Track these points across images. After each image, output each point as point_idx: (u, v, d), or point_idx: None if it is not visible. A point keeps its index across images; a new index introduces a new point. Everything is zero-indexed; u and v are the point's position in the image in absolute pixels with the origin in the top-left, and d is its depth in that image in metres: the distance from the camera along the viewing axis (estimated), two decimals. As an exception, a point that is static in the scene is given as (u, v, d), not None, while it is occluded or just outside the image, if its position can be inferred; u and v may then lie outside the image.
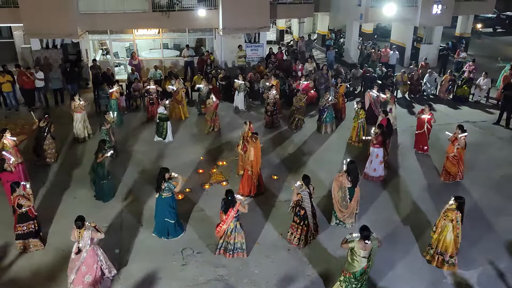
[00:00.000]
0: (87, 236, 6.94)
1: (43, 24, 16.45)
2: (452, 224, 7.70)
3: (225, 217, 7.85)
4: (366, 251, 6.76)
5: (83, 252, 7.00)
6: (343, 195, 8.97)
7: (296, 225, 8.51)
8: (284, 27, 29.04)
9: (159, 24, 18.71)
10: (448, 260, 7.98)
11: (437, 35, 21.88)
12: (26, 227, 8.22)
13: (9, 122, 14.36)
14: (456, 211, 7.67)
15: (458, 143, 10.63)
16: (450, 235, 7.80)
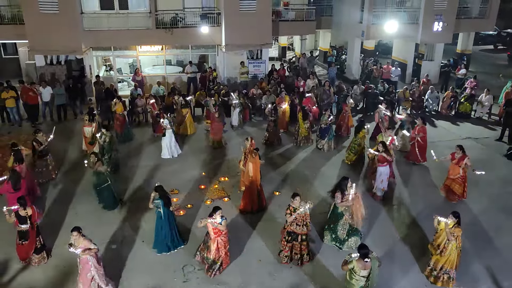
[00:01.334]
0: (82, 245, 7.10)
1: (48, 41, 16.65)
2: (456, 241, 7.66)
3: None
4: (366, 270, 6.68)
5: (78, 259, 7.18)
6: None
7: (286, 242, 8.39)
8: (286, 44, 29.30)
9: (162, 41, 18.90)
10: (452, 277, 7.93)
11: (439, 52, 22.02)
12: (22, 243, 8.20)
13: (12, 138, 14.39)
14: (459, 227, 7.65)
15: (465, 164, 10.52)
16: (454, 252, 7.77)
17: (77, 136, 13.94)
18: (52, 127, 12.30)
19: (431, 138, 14.95)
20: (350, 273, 6.83)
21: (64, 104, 16.31)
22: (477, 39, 28.77)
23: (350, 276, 6.83)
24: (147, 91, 18.02)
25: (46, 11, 16.46)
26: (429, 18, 20.54)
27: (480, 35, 30.97)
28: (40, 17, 16.42)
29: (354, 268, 6.74)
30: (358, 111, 17.80)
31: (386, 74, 20.16)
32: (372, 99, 17.60)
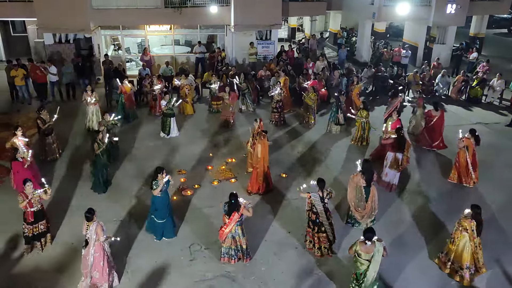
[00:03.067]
0: (93, 229, 6.97)
1: (57, 19, 16.61)
2: (467, 233, 7.49)
3: (228, 221, 7.69)
4: (368, 254, 6.68)
5: (91, 246, 7.00)
6: (360, 195, 8.82)
7: (312, 232, 8.24)
8: (295, 25, 28.93)
9: (171, 20, 18.76)
10: (458, 271, 7.75)
11: (451, 35, 21.62)
12: (32, 230, 8.08)
13: (22, 116, 14.52)
14: (470, 220, 7.47)
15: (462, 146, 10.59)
16: (465, 245, 7.58)
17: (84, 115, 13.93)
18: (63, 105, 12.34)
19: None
20: (355, 256, 6.88)
21: (72, 82, 16.34)
22: (491, 22, 28.16)
23: (355, 258, 6.89)
24: (155, 71, 17.97)
25: (55, -11, 16.36)
26: (442, 0, 20.13)
27: (494, 18, 30.30)
28: (49, -6, 16.34)
29: (358, 251, 6.78)
30: (368, 95, 17.63)
31: (396, 57, 19.90)
32: (381, 82, 17.43)
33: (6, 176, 10.79)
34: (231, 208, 7.66)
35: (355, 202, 8.88)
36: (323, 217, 8.03)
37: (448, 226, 9.10)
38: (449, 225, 9.05)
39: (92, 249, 6.99)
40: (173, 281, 7.66)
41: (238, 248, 7.98)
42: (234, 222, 7.67)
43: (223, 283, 7.63)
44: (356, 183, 8.78)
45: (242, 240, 7.94)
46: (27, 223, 8.05)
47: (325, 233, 8.14)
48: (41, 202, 8.10)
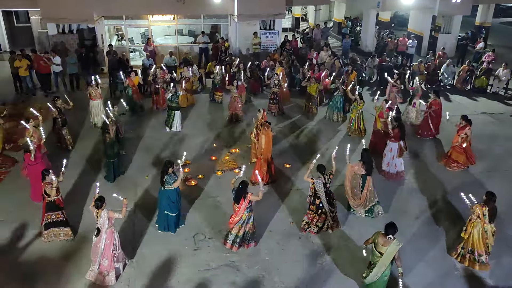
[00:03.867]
0: (105, 216, 7.02)
1: (60, 9, 16.54)
2: (479, 220, 7.53)
3: (237, 209, 7.82)
4: (383, 246, 6.68)
5: (103, 234, 7.08)
6: (356, 184, 8.98)
7: (313, 214, 8.50)
8: (299, 14, 28.75)
9: (174, 10, 18.66)
10: (478, 259, 7.76)
11: (456, 24, 21.44)
12: (55, 216, 8.14)
13: (26, 106, 14.56)
14: (482, 205, 7.51)
15: (465, 133, 10.76)
16: (479, 231, 7.61)
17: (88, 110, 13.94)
18: (66, 96, 12.35)
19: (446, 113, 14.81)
20: (373, 246, 6.89)
21: (76, 73, 16.36)
22: (497, 11, 27.87)
23: (372, 248, 6.90)
24: (159, 61, 17.94)
25: (58, -21, 16.31)
26: (448, -11, 19.93)
27: (501, 7, 30.00)
28: (51, -16, 16.30)
29: (375, 240, 6.80)
30: (372, 84, 17.56)
31: (401, 47, 19.77)
32: (386, 72, 17.30)
33: (12, 167, 10.89)
34: (238, 194, 7.74)
35: (352, 191, 9.04)
36: (324, 201, 8.32)
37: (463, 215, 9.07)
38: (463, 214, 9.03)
39: (104, 236, 7.07)
40: (177, 271, 7.72)
41: (244, 235, 8.07)
42: (243, 211, 7.80)
43: (227, 272, 7.70)
44: (356, 172, 8.88)
45: (251, 225, 8.06)
46: (53, 211, 8.08)
47: (324, 214, 8.47)
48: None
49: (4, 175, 10.52)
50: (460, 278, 7.68)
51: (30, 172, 9.38)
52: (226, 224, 8.41)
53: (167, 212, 8.48)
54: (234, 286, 7.43)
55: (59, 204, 8.13)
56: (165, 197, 8.38)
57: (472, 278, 7.67)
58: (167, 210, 8.46)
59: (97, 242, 7.16)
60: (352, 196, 9.07)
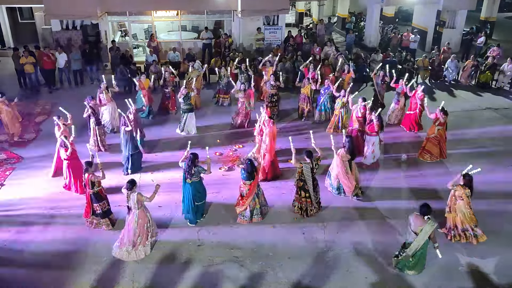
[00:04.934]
0: (133, 199, 7.56)
1: (64, 5, 16.56)
2: (463, 200, 8.06)
3: (249, 187, 8.46)
4: (416, 226, 7.08)
5: (133, 214, 7.67)
6: (346, 168, 9.39)
7: (299, 198, 8.95)
8: (303, 9, 28.63)
9: (177, 6, 18.64)
10: (474, 234, 8.24)
11: (461, 19, 21.26)
12: (101, 206, 8.46)
13: (30, 103, 14.63)
14: (464, 187, 7.98)
15: (438, 123, 10.85)
16: (463, 210, 8.14)
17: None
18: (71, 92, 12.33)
19: (451, 108, 14.72)
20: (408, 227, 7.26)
21: (80, 69, 16.39)
22: (503, 6, 27.63)
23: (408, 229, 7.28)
24: (162, 57, 17.96)
25: (61, -25, 16.32)
26: (453, -17, 19.79)
27: (506, 1, 29.74)
28: (55, -20, 16.31)
29: (409, 219, 7.21)
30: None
31: (405, 42, 19.68)
32: (390, 67, 17.23)
33: (17, 162, 10.96)
34: (251, 171, 8.39)
35: (346, 176, 9.39)
36: (309, 185, 8.75)
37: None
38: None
39: (136, 216, 7.68)
40: (181, 266, 7.76)
41: (261, 207, 8.82)
42: (255, 187, 8.55)
43: (231, 268, 7.72)
44: (343, 158, 9.28)
45: (261, 198, 8.86)
46: (99, 201, 8.42)
47: (309, 198, 8.87)
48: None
49: (9, 171, 10.59)
50: (465, 274, 7.68)
51: (69, 167, 9.56)
52: (230, 219, 8.44)
53: (198, 203, 8.77)
54: (238, 281, 7.46)
55: (101, 194, 8.50)
56: (194, 189, 8.63)
57: (475, 275, 7.66)
58: (197, 201, 8.75)
59: (130, 221, 7.76)
60: (347, 181, 9.43)
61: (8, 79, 16.44)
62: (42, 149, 11.66)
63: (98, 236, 8.43)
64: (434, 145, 11.16)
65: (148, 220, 7.91)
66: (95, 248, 8.10)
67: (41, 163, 10.91)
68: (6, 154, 11.32)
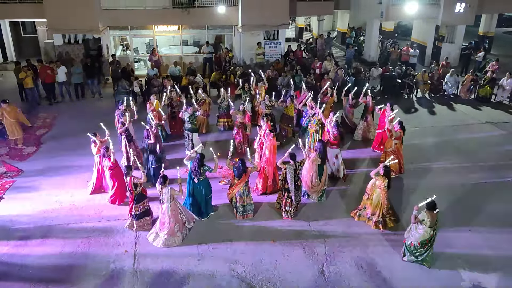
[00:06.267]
0: (166, 193, 8.25)
1: (66, 20, 16.77)
2: (380, 189, 8.81)
3: (237, 182, 9.00)
4: (433, 221, 7.65)
5: (168, 207, 8.34)
6: (315, 172, 9.63)
7: (281, 197, 9.36)
8: (303, 24, 28.92)
9: (179, 21, 18.84)
10: (376, 220, 9.05)
11: (460, 34, 21.46)
12: (142, 206, 8.88)
13: (31, 116, 14.67)
14: (384, 177, 8.73)
15: (393, 135, 10.76)
16: (377, 198, 8.91)
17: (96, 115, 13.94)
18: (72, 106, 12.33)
19: (451, 122, 14.81)
20: (418, 225, 7.75)
21: (81, 83, 16.48)
22: (501, 21, 27.92)
23: (417, 227, 7.78)
24: (163, 71, 18.08)
25: (65, -10, 16.54)
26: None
27: (504, 17, 30.04)
28: (58, -5, 16.52)
29: (425, 220, 7.63)
30: (376, 94, 17.57)
31: (404, 56, 19.82)
32: (390, 81, 17.37)
33: (17, 175, 10.94)
34: (241, 170, 8.94)
35: (313, 177, 9.62)
36: (291, 187, 9.10)
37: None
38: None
39: (169, 209, 8.36)
40: (180, 281, 7.69)
41: (245, 205, 9.27)
42: (243, 182, 9.03)
43: (231, 283, 7.66)
44: (313, 162, 9.52)
45: (248, 198, 9.27)
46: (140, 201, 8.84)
47: (289, 198, 9.21)
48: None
49: (9, 184, 10.57)
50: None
51: (113, 176, 9.67)
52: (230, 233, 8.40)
53: (209, 196, 9.42)
54: (238, 296, 7.39)
55: (144, 193, 8.98)
56: (204, 186, 9.26)
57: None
58: (208, 195, 9.39)
59: (164, 213, 8.40)
60: (311, 183, 9.69)
61: (10, 92, 16.49)
62: (42, 162, 11.68)
63: (97, 250, 8.37)
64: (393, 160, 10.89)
65: (180, 211, 8.65)
66: (94, 262, 8.04)
67: (41, 176, 10.91)
68: (6, 167, 11.32)
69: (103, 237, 8.73)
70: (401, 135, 10.90)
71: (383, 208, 8.96)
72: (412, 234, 7.92)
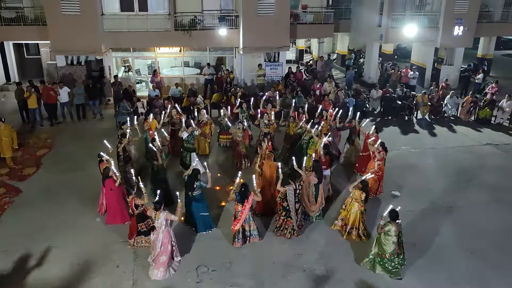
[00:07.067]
0: (163, 217, 7.88)
1: (69, 42, 16.99)
2: (357, 202, 9.00)
3: (241, 210, 8.66)
4: (397, 230, 7.77)
5: (159, 233, 7.92)
6: (312, 192, 9.68)
7: (282, 218, 9.23)
8: (303, 46, 29.25)
9: (181, 43, 19.08)
10: (349, 231, 9.29)
11: (459, 56, 21.69)
12: (145, 225, 8.84)
13: (33, 137, 14.72)
14: (361, 192, 8.90)
15: (378, 158, 10.64)
16: (354, 210, 9.10)
17: (97, 136, 13.98)
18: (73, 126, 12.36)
19: (452, 143, 14.81)
20: (385, 236, 7.87)
21: (83, 103, 16.58)
22: (499, 44, 28.26)
23: (386, 239, 7.88)
24: (165, 92, 18.20)
25: (68, 13, 16.81)
26: (449, 22, 20.28)
27: (502, 40, 30.42)
28: (62, 18, 16.78)
29: (390, 231, 7.74)
30: (376, 115, 17.65)
31: (404, 78, 19.98)
32: (389, 103, 17.46)
33: (16, 196, 10.90)
34: (243, 196, 8.67)
35: (309, 197, 9.69)
36: (292, 206, 9.05)
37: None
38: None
39: (161, 236, 7.93)
40: (179, 303, 7.58)
41: (250, 231, 9.04)
42: (247, 212, 8.70)
43: (230, 306, 7.55)
44: (310, 181, 9.57)
45: (252, 223, 9.02)
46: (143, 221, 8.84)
47: (290, 218, 9.16)
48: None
49: (8, 205, 10.52)
50: None
51: (109, 197, 9.60)
52: (229, 255, 8.30)
53: (203, 214, 9.37)
54: (237, 320, 7.26)
55: (145, 213, 8.67)
56: (198, 201, 9.29)
57: None
58: (202, 212, 9.36)
59: (154, 239, 8.01)
60: (308, 203, 9.73)
61: (11, 112, 16.62)
62: (42, 183, 11.66)
63: (94, 271, 8.27)
64: (374, 181, 10.73)
65: (171, 239, 8.16)
66: (89, 286, 7.94)
67: (40, 197, 10.87)
68: (6, 188, 11.27)
69: (102, 259, 8.63)
70: (383, 156, 10.82)
71: (361, 221, 9.19)
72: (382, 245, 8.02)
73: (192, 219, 9.50)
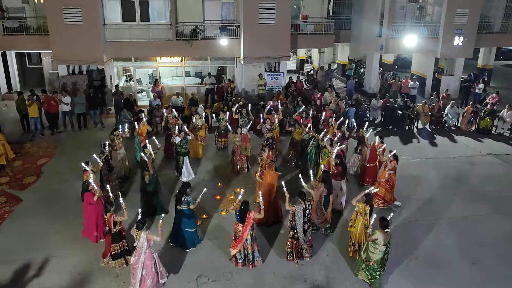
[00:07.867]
0: (143, 238, 7.47)
1: (71, 51, 17.08)
2: (362, 216, 8.68)
3: (242, 229, 8.29)
4: (386, 239, 7.65)
5: (141, 255, 7.49)
6: (320, 203, 9.50)
7: (291, 240, 8.81)
8: (304, 56, 29.37)
9: (182, 52, 19.17)
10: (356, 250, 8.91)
11: (459, 67, 21.76)
12: (121, 246, 8.53)
13: (33, 146, 14.73)
14: (365, 204, 8.62)
15: (389, 168, 10.70)
16: (360, 226, 8.75)
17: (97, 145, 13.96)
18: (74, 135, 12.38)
19: (452, 154, 14.79)
20: (373, 244, 7.76)
21: (84, 113, 16.61)
22: (499, 54, 28.38)
23: (373, 247, 7.77)
24: (166, 102, 18.24)
25: (71, 23, 16.93)
26: (449, 33, 20.37)
27: (502, 50, 30.54)
28: (64, 28, 16.89)
29: (378, 239, 7.61)
30: (377, 125, 17.66)
31: (405, 88, 20.02)
32: (390, 113, 17.47)
33: (16, 205, 10.87)
34: (243, 214, 8.28)
35: (317, 209, 9.49)
36: (299, 227, 8.60)
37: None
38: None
39: (143, 258, 7.50)
40: (179, 314, 7.52)
41: (245, 253, 8.57)
42: (248, 231, 8.33)
43: (230, 317, 7.48)
44: (321, 194, 9.39)
45: (252, 245, 8.55)
46: (118, 241, 8.46)
47: (297, 240, 8.74)
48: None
49: (8, 214, 10.49)
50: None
51: (87, 211, 9.30)
52: (229, 264, 8.24)
53: (188, 229, 9.08)
54: (238, 331, 7.19)
55: (122, 232, 8.54)
56: (184, 215, 9.01)
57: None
58: (188, 228, 9.08)
59: (134, 263, 7.54)
60: (316, 215, 9.52)
61: (13, 121, 16.65)
62: (42, 192, 11.64)
63: (94, 281, 8.22)
64: (387, 191, 10.80)
65: (155, 261, 7.77)
66: None
67: (40, 206, 10.84)
68: (6, 197, 11.25)
69: (101, 269, 8.58)
70: (395, 166, 10.82)
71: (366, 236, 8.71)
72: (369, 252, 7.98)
73: (177, 234, 9.21)
